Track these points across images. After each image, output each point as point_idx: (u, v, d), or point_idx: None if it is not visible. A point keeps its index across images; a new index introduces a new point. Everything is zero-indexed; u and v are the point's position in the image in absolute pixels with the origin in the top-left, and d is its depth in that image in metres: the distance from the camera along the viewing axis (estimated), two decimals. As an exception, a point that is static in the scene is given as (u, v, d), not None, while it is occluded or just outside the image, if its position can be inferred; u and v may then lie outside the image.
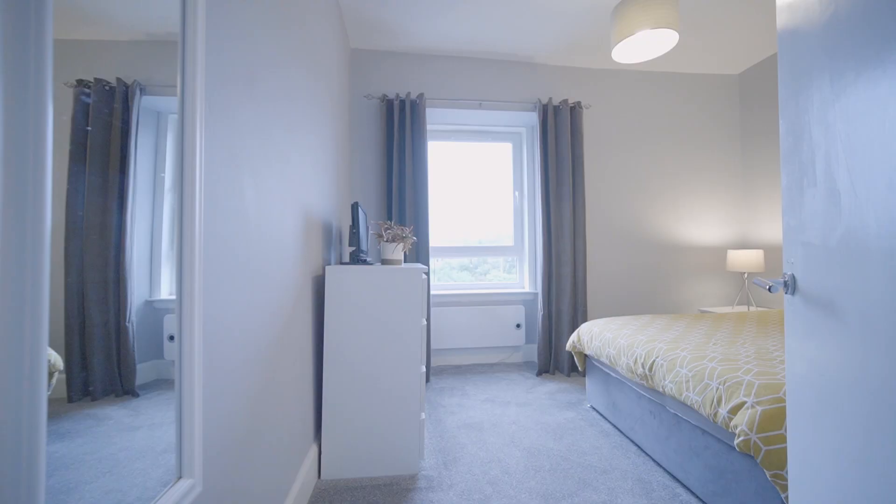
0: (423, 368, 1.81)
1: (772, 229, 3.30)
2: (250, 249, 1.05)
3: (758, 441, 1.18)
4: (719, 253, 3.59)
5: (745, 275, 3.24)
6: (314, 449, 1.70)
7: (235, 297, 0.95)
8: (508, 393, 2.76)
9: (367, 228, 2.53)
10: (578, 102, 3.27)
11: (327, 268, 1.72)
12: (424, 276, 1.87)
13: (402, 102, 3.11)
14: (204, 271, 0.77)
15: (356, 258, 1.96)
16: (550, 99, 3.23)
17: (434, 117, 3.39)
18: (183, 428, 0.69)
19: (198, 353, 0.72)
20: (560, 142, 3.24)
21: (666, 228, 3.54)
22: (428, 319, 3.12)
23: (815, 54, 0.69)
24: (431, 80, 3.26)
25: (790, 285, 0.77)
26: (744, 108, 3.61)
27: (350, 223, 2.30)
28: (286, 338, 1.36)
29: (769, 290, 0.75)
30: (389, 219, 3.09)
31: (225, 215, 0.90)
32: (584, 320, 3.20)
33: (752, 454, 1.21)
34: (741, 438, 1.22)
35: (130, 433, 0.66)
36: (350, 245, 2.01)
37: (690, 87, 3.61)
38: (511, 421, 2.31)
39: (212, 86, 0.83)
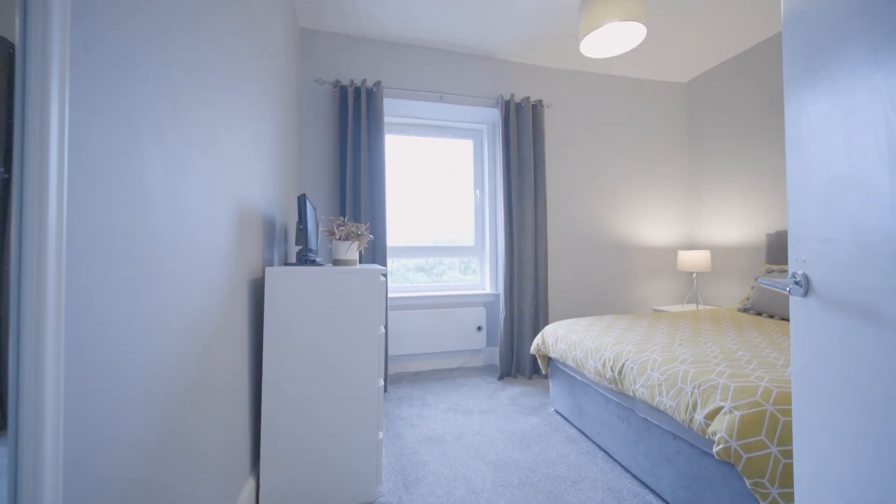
0: (382, 381, 1.62)
1: (716, 231, 3.47)
2: (157, 245, 0.81)
3: (738, 449, 1.13)
4: (670, 253, 3.72)
5: (694, 274, 3.38)
6: (251, 483, 1.45)
7: (132, 308, 0.71)
8: (470, 400, 2.63)
9: (318, 225, 2.28)
10: (540, 101, 3.23)
11: (268, 269, 1.47)
12: (383, 279, 1.67)
13: (358, 90, 2.88)
14: (67, 276, 0.54)
15: (303, 258, 1.72)
16: (513, 95, 3.16)
17: (392, 108, 3.19)
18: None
19: (50, 396, 0.49)
20: (522, 140, 3.18)
21: (620, 229, 3.61)
22: (385, 326, 2.91)
23: (845, 20, 0.60)
24: (390, 69, 3.05)
25: (803, 286, 0.69)
26: (690, 115, 3.78)
27: (297, 219, 2.04)
28: (212, 354, 1.11)
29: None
30: (343, 215, 2.84)
31: (112, 198, 0.66)
32: (546, 321, 3.15)
33: (732, 462, 1.15)
34: (721, 446, 1.17)
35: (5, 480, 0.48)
36: (297, 244, 1.77)
37: (643, 93, 3.71)
38: (475, 431, 2.17)
39: (86, 7, 0.60)
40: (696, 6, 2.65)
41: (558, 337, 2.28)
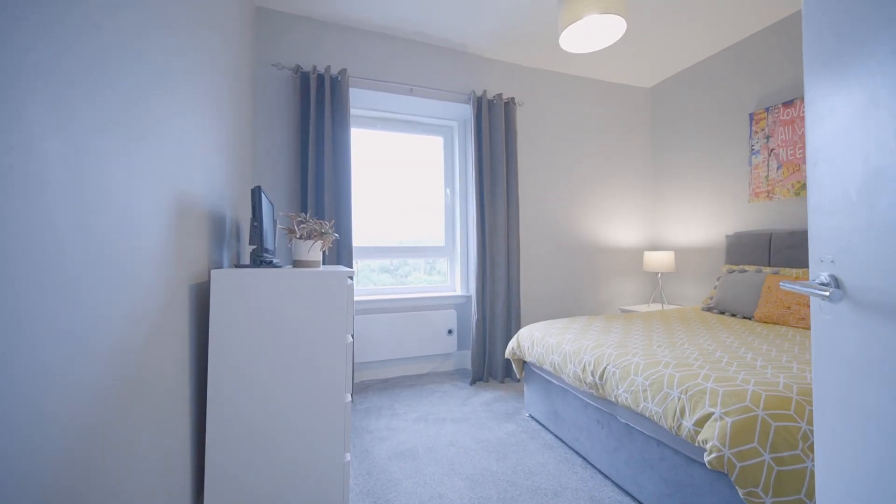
0: (349, 397, 1.45)
1: (680, 232, 3.57)
2: (58, 243, 0.61)
3: (731, 457, 1.08)
4: (636, 254, 3.80)
5: (659, 275, 3.45)
6: (192, 523, 1.24)
7: (24, 328, 0.52)
8: (442, 407, 2.50)
9: (275, 222, 2.06)
10: (512, 98, 3.17)
11: (214, 272, 1.27)
12: (350, 282, 1.51)
13: (321, 77, 2.67)
14: None
15: (258, 259, 1.52)
16: (485, 92, 3.07)
17: (358, 100, 3.00)
18: None
19: None
20: (494, 137, 3.10)
21: (589, 230, 3.63)
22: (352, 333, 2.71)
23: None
24: (356, 57, 2.86)
25: (832, 289, 0.62)
26: (654, 119, 3.88)
27: (251, 215, 1.82)
28: (140, 378, 0.90)
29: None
30: (304, 212, 2.62)
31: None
32: (518, 323, 3.09)
33: (725, 472, 1.11)
34: (713, 455, 1.12)
35: None
36: (251, 243, 1.56)
37: (610, 95, 3.76)
38: (449, 442, 2.05)
39: None
40: (659, 15, 2.69)
41: (534, 340, 2.20)
